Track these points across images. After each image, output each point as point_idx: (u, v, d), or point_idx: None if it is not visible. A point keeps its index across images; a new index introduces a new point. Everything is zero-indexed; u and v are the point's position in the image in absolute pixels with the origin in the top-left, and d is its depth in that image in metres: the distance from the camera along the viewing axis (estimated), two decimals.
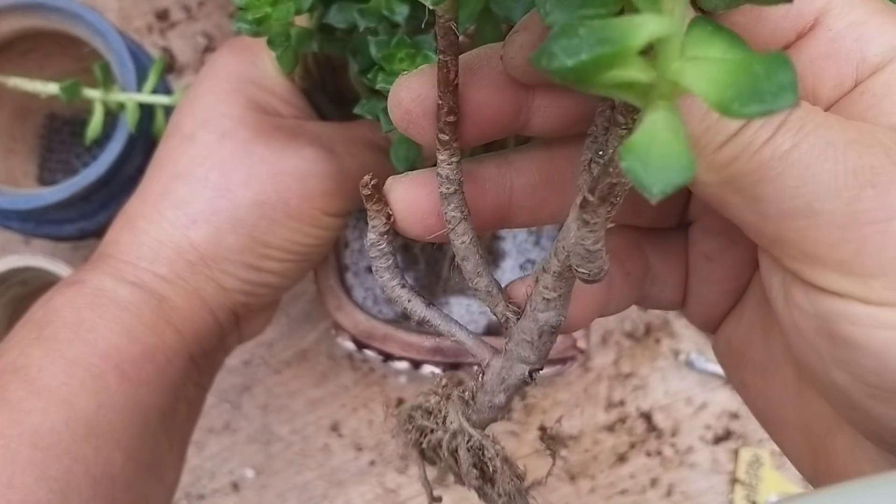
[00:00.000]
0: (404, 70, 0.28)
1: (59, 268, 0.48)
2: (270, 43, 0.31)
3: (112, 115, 0.46)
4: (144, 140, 0.47)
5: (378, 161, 0.36)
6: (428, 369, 0.45)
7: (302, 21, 0.33)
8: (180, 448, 0.37)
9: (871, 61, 0.20)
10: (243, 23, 0.30)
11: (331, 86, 0.39)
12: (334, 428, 0.56)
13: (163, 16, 0.58)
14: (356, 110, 0.29)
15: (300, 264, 0.37)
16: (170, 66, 0.57)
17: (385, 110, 0.29)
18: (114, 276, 0.34)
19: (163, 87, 0.46)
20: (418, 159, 0.32)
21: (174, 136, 0.36)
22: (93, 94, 0.44)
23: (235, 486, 0.55)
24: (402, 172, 0.30)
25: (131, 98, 0.44)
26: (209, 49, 0.58)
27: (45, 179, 0.54)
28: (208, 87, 0.36)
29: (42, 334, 0.33)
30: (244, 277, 0.35)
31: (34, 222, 0.48)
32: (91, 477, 0.31)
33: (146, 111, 0.46)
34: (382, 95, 0.29)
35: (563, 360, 0.46)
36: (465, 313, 0.50)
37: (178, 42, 0.58)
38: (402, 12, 0.28)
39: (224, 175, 0.34)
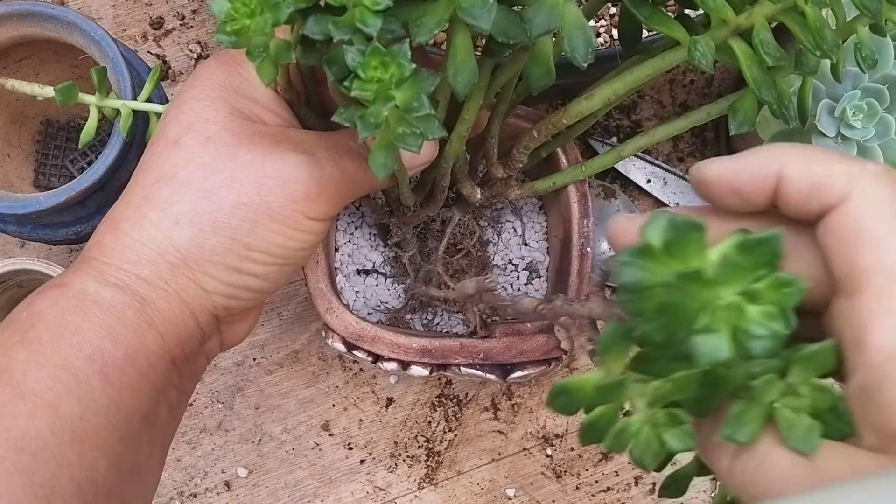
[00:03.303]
0: (379, 77, 0.29)
1: (55, 271, 0.48)
2: (249, 54, 0.32)
3: (108, 122, 0.46)
4: (139, 146, 0.47)
5: (359, 168, 0.37)
6: (416, 370, 0.46)
7: (284, 33, 0.33)
8: (161, 454, 0.37)
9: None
10: (222, 34, 0.31)
11: (314, 98, 0.40)
12: (325, 427, 0.57)
13: (157, 24, 0.59)
14: (334, 118, 0.30)
15: (282, 268, 0.37)
16: (164, 73, 0.58)
17: (362, 117, 0.30)
18: (97, 278, 0.34)
19: (158, 95, 0.47)
20: (397, 166, 0.33)
21: (159, 142, 0.37)
22: (88, 99, 0.45)
23: (228, 485, 0.56)
24: (382, 179, 0.32)
25: (126, 105, 0.45)
26: (203, 57, 0.59)
27: (41, 184, 0.55)
28: (194, 94, 0.36)
29: (26, 337, 0.33)
30: (226, 280, 0.35)
31: (30, 226, 0.49)
32: (75, 483, 0.31)
33: (141, 118, 0.46)
34: (359, 103, 0.30)
35: (548, 361, 0.47)
36: (455, 322, 0.52)
37: (172, 50, 0.59)
38: (374, 25, 0.28)
39: (207, 178, 0.35)
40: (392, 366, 0.45)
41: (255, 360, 0.57)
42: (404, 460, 0.57)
